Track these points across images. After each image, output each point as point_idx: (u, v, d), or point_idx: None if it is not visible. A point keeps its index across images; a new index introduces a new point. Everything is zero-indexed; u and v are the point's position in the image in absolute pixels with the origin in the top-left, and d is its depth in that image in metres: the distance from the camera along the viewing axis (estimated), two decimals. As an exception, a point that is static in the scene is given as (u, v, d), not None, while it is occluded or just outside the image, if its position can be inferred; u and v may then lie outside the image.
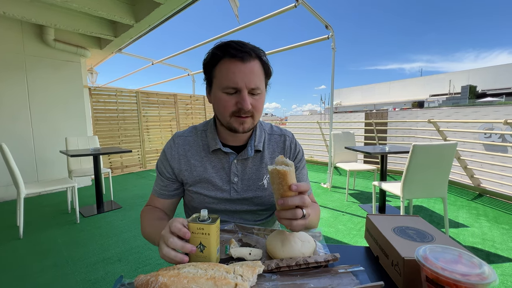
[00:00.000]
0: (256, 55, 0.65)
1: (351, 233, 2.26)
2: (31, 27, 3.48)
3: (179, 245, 0.48)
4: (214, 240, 0.49)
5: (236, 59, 0.62)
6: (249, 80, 0.63)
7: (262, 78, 0.67)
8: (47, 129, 3.68)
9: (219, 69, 0.65)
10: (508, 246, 1.99)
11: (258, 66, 0.66)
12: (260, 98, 0.67)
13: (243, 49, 0.63)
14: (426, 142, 1.99)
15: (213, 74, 0.67)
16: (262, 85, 0.67)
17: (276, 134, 0.81)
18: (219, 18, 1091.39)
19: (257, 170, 0.75)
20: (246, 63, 0.63)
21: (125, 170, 4.98)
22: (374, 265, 0.55)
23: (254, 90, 0.65)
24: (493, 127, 8.87)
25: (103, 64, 5.41)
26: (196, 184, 0.74)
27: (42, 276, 1.69)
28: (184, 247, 0.48)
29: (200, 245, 0.49)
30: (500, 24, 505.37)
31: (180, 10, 2.95)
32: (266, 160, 0.76)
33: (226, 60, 0.63)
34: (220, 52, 0.64)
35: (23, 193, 2.20)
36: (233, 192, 0.74)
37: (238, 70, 0.62)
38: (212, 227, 0.48)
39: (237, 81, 0.62)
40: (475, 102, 23.73)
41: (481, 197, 3.19)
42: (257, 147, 0.75)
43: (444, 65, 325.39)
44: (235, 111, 0.65)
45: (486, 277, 0.35)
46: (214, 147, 0.73)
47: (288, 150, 0.80)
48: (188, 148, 0.76)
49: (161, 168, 0.77)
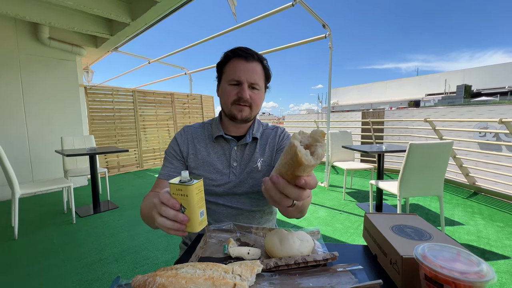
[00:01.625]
0: (258, 59, 0.80)
1: (348, 232, 2.27)
2: (25, 25, 3.43)
3: (171, 214, 0.48)
4: (194, 202, 0.48)
5: (241, 58, 0.77)
6: (250, 76, 0.77)
7: (261, 78, 0.81)
8: (42, 128, 3.63)
9: (228, 66, 0.79)
10: (503, 243, 2.02)
11: (259, 67, 0.80)
12: (258, 93, 0.80)
13: (247, 52, 0.78)
14: (422, 141, 2.01)
15: (223, 71, 0.81)
16: (261, 83, 0.81)
17: (270, 129, 0.93)
18: (217, 17, 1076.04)
19: (252, 155, 0.85)
20: (249, 62, 0.77)
21: (121, 170, 4.94)
22: (373, 264, 0.55)
23: (253, 85, 0.78)
24: (487, 126, 8.97)
25: (99, 62, 5.36)
26: (199, 167, 0.83)
27: (38, 277, 1.67)
28: (177, 216, 0.48)
29: (181, 206, 0.48)
30: (495, 24, 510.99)
31: (177, 8, 2.93)
32: (258, 146, 0.86)
33: (234, 60, 0.78)
34: (230, 53, 0.79)
35: (17, 193, 2.17)
36: (232, 176, 0.82)
37: (242, 67, 0.77)
38: (190, 188, 0.47)
39: (240, 75, 0.76)
40: (470, 101, 24.00)
41: (476, 195, 3.22)
42: (255, 135, 0.86)
43: (440, 64, 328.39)
44: (236, 100, 0.78)
45: (485, 275, 0.35)
46: (217, 134, 0.84)
47: (278, 136, 0.90)
48: (195, 136, 0.87)
49: (172, 152, 0.86)
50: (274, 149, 0.87)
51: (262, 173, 0.84)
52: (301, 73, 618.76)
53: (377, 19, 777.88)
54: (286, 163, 0.42)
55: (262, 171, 0.84)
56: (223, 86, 0.80)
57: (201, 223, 0.50)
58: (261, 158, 0.84)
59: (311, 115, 24.76)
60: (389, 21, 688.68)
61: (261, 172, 0.84)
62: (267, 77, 0.83)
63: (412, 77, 34.68)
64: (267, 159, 0.85)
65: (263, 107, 2.85)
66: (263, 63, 0.81)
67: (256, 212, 0.85)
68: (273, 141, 0.88)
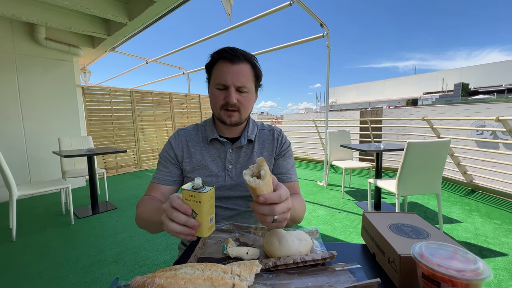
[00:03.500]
0: (246, 59, 0.76)
1: (347, 230, 2.28)
2: (21, 26, 3.41)
3: (183, 220, 0.49)
4: (206, 208, 0.50)
5: (227, 61, 0.74)
6: (236, 79, 0.74)
7: (250, 79, 0.77)
8: (40, 129, 3.61)
9: (215, 69, 0.76)
10: (500, 240, 2.04)
11: (247, 68, 0.76)
12: (247, 96, 0.77)
13: (234, 53, 0.74)
14: (420, 140, 2.01)
15: (211, 73, 0.78)
16: (250, 85, 0.77)
17: (266, 130, 0.91)
18: (214, 16, 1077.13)
19: (249, 158, 0.84)
20: (235, 65, 0.74)
21: (120, 171, 4.92)
22: (371, 262, 0.55)
23: (240, 88, 0.75)
24: (485, 124, 9.02)
25: (97, 63, 5.33)
26: (194, 170, 0.82)
27: (36, 279, 1.67)
28: (188, 222, 0.50)
29: (193, 212, 0.50)
30: (491, 22, 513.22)
31: (174, 8, 2.91)
32: (256, 150, 0.85)
33: (220, 62, 0.75)
34: (216, 55, 0.76)
35: (15, 195, 2.16)
36: (227, 179, 0.81)
37: (228, 70, 0.74)
38: (204, 195, 0.49)
39: (226, 79, 0.73)
40: (468, 99, 24.12)
41: (473, 193, 3.24)
42: (250, 137, 0.84)
43: (437, 63, 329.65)
44: (223, 105, 0.76)
45: (481, 272, 0.35)
46: (211, 137, 0.83)
47: (276, 140, 0.89)
48: (189, 139, 0.85)
49: (166, 156, 0.84)
50: (272, 154, 0.86)
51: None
52: (299, 73, 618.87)
53: (374, 18, 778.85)
54: (251, 192, 0.53)
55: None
56: (212, 89, 0.78)
57: (211, 229, 0.53)
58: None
59: (309, 114, 24.79)
60: (386, 20, 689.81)
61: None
62: (257, 77, 0.80)
63: (410, 76, 34.78)
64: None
65: (261, 107, 2.84)
66: (252, 63, 0.77)
67: (252, 212, 0.85)
68: (271, 145, 0.87)
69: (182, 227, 0.50)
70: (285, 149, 0.88)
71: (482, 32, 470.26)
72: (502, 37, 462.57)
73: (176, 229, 0.49)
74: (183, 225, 0.50)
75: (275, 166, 0.86)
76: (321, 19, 3.39)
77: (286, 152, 0.88)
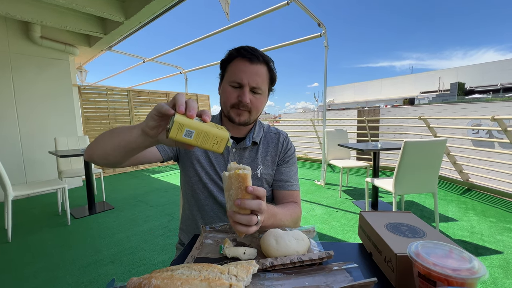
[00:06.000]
0: (264, 61, 0.75)
1: (344, 229, 2.29)
2: (16, 24, 3.37)
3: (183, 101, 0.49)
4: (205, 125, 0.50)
5: (245, 59, 0.73)
6: (252, 79, 0.72)
7: (265, 81, 0.76)
8: (35, 129, 3.58)
9: (231, 66, 0.75)
10: (496, 238, 2.06)
11: (264, 70, 0.75)
12: (260, 98, 0.76)
13: (253, 53, 0.73)
14: (417, 139, 2.03)
15: (226, 69, 0.77)
16: (264, 87, 0.76)
17: (272, 132, 0.89)
18: (212, 15, 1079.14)
19: (252, 161, 0.83)
20: (253, 64, 0.73)
21: (117, 170, 4.89)
22: (368, 262, 0.55)
23: (255, 89, 0.74)
24: (480, 123, 9.10)
25: (93, 62, 5.29)
26: (194, 164, 0.82)
27: (32, 280, 1.65)
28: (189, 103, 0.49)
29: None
30: (486, 22, 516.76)
31: (171, 7, 2.90)
32: (260, 153, 0.84)
33: (238, 59, 0.74)
34: (235, 52, 0.75)
35: (10, 195, 2.14)
36: None
37: (245, 68, 0.72)
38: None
39: (242, 77, 0.72)
40: (464, 98, 24.32)
41: (469, 191, 3.27)
42: (255, 139, 0.83)
43: (434, 62, 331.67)
44: (235, 104, 0.74)
45: (476, 271, 0.35)
46: None
47: (281, 145, 0.87)
48: None
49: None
50: (276, 159, 0.85)
51: (260, 181, 0.82)
52: (297, 72, 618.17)
53: (371, 18, 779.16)
54: (236, 191, 0.51)
55: (260, 179, 0.82)
56: (224, 85, 0.76)
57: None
58: (261, 166, 0.83)
59: (307, 113, 24.84)
60: (383, 20, 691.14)
61: (260, 180, 0.82)
62: (271, 81, 0.79)
63: (407, 75, 35.01)
64: (268, 167, 0.84)
65: (259, 106, 2.83)
66: (269, 66, 0.77)
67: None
68: (275, 150, 0.86)
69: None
70: (289, 156, 0.87)
71: (477, 32, 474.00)
72: (497, 37, 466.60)
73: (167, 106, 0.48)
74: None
75: (277, 172, 0.85)
76: (318, 19, 3.40)
77: (290, 159, 0.87)
